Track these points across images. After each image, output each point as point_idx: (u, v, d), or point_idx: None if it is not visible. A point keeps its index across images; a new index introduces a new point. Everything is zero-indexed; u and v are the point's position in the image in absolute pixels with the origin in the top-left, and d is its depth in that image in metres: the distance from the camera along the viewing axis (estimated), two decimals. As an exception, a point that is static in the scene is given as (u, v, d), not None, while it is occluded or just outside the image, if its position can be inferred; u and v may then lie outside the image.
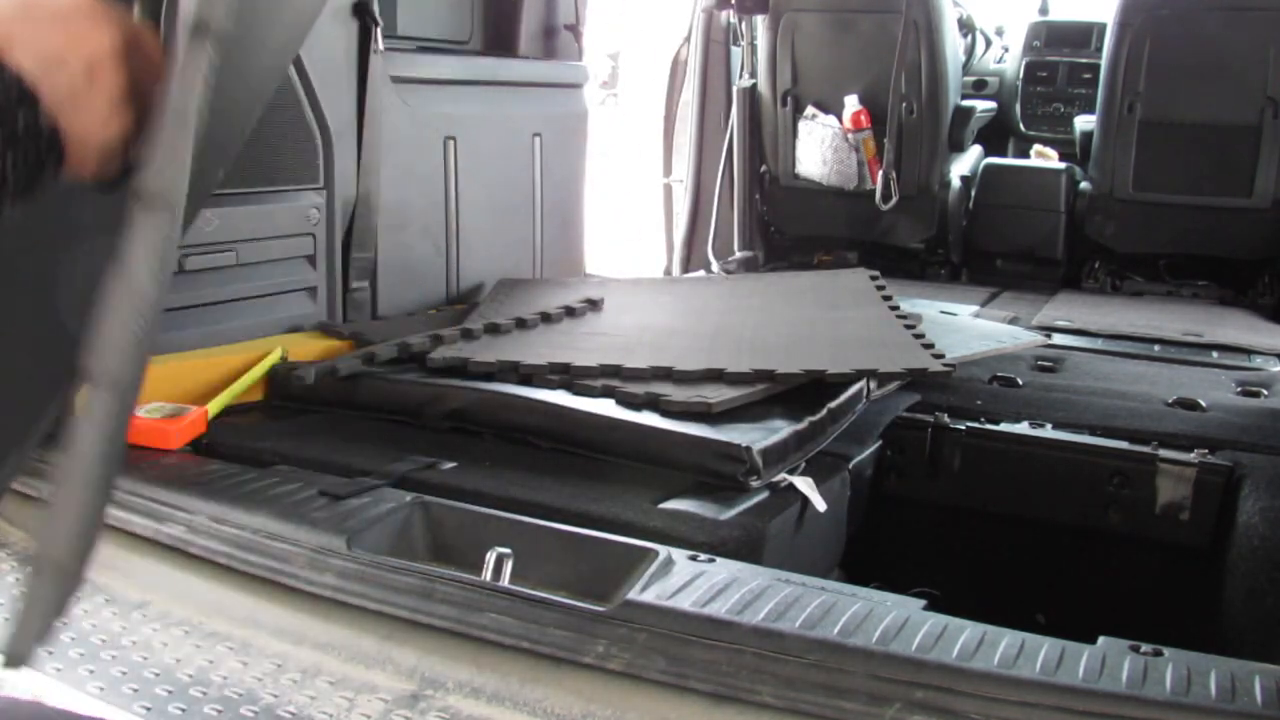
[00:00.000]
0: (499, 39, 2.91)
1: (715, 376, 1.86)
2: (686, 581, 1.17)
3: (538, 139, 2.88)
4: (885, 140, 3.39)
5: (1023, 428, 1.99)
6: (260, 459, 1.61)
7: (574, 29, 3.08)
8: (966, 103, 3.67)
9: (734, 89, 3.68)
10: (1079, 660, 1.02)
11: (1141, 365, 2.51)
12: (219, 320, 2.04)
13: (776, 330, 2.23)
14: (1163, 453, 1.85)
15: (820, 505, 1.62)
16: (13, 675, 1.13)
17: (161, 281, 0.62)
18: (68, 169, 0.63)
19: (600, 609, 1.12)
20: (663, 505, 1.51)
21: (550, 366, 1.90)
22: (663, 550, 1.23)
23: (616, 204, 5.35)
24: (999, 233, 3.58)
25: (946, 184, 3.53)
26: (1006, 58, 4.19)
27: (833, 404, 1.84)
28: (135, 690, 1.14)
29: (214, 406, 1.77)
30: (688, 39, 3.78)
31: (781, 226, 3.80)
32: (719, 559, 1.25)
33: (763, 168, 3.73)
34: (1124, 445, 1.90)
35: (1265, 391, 2.29)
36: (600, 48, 6.31)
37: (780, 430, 1.69)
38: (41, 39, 0.61)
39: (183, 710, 1.10)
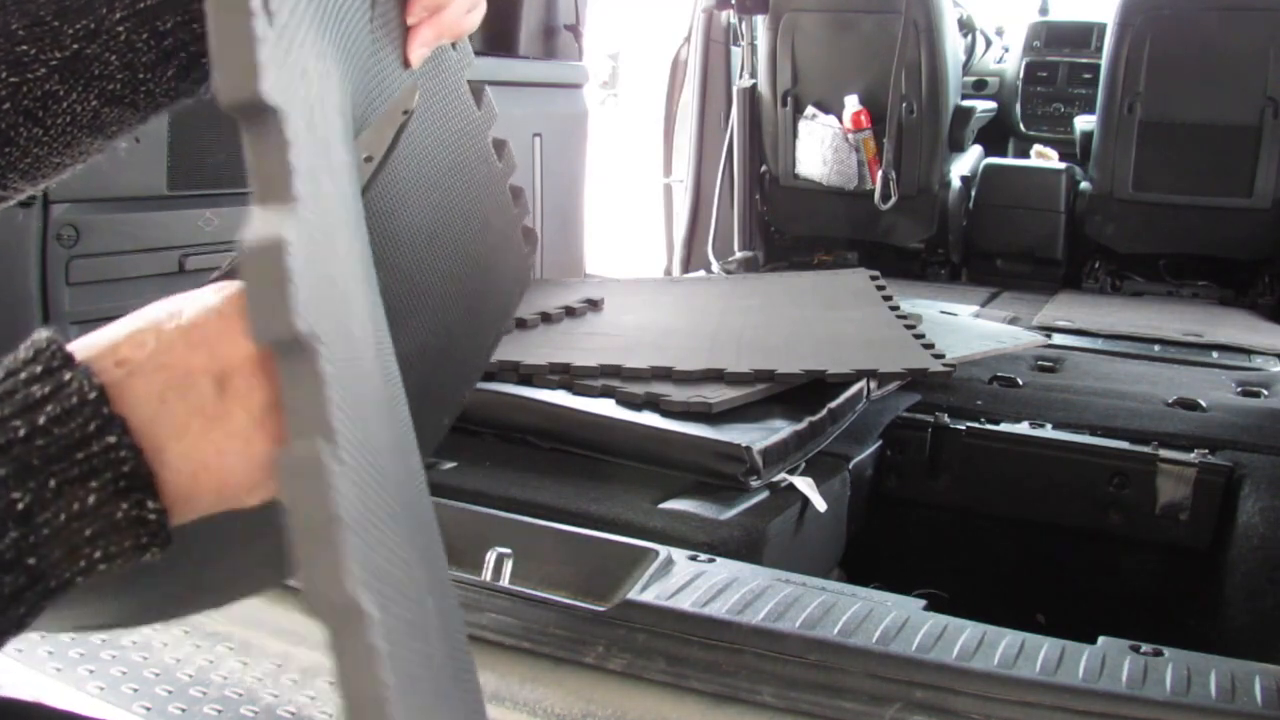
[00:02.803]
0: (499, 39, 2.91)
1: (715, 376, 1.86)
2: (686, 581, 1.17)
3: (538, 139, 2.87)
4: (885, 140, 3.38)
5: (1023, 428, 1.99)
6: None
7: (574, 29, 3.08)
8: (966, 103, 3.67)
9: (734, 89, 3.68)
10: (1079, 660, 1.02)
11: (1141, 365, 2.51)
12: (219, 320, 2.04)
13: (776, 330, 2.23)
14: (1163, 453, 1.85)
15: (820, 505, 1.62)
16: (13, 675, 1.13)
17: None
18: (187, 510, 0.51)
19: (600, 609, 1.12)
20: (663, 505, 1.51)
21: (550, 366, 1.90)
22: (663, 550, 1.23)
23: (616, 204, 5.34)
24: (999, 233, 3.58)
25: (946, 184, 3.53)
26: (1006, 58, 4.19)
27: (833, 404, 1.84)
28: (135, 690, 1.14)
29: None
30: (688, 39, 3.78)
31: (781, 226, 3.79)
32: (719, 559, 1.25)
33: (763, 168, 3.72)
34: (1124, 445, 1.90)
35: (1265, 391, 2.29)
36: (600, 48, 6.31)
37: (780, 430, 1.69)
38: (165, 363, 0.50)
39: (183, 710, 1.10)
